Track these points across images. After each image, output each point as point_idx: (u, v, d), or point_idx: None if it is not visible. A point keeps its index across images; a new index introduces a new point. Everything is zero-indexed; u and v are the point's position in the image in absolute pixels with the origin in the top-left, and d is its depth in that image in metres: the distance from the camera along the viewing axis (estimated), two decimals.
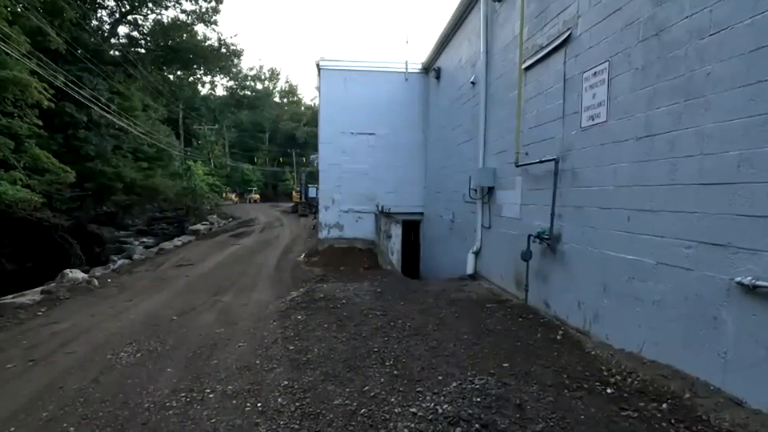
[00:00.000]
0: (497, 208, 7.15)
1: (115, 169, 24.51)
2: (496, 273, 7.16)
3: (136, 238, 28.47)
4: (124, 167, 25.30)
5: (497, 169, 7.20)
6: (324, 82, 12.98)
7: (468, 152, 8.77)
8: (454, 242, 9.72)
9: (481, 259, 7.91)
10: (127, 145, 26.57)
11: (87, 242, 23.36)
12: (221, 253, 14.86)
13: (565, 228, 4.96)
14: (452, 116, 10.06)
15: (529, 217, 5.95)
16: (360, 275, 8.79)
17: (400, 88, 13.06)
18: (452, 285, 7.35)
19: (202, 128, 48.77)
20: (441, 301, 6.22)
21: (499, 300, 6.14)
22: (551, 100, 5.34)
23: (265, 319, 5.70)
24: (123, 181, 25.10)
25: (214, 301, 7.10)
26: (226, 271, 10.81)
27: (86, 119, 22.25)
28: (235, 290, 8.25)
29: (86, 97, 20.78)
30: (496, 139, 7.25)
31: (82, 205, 22.99)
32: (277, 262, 12.43)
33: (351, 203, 13.23)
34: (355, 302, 6.16)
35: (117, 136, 25.69)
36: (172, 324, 5.67)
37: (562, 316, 4.97)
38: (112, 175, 24.20)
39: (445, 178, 10.70)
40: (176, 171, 33.24)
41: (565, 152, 4.96)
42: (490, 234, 7.48)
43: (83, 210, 23.20)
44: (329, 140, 13.01)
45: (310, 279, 9.30)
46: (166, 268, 11.67)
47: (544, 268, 5.44)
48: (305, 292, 6.99)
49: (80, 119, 21.80)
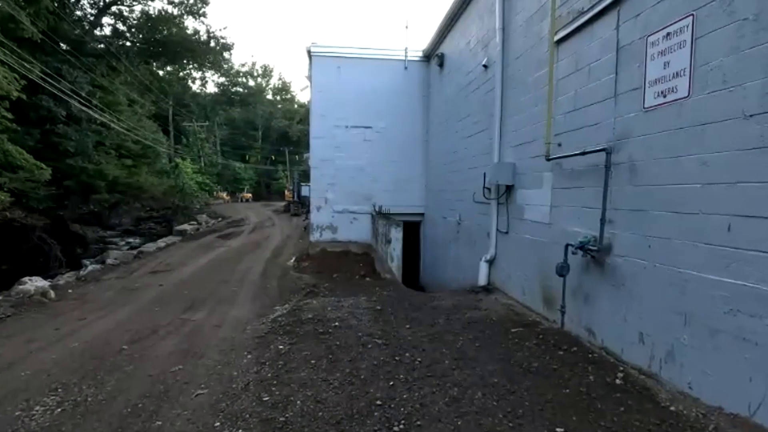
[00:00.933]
0: (518, 209, 6.08)
1: (96, 166, 23.24)
2: (516, 286, 6.09)
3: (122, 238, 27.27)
4: (106, 164, 24.02)
5: (517, 165, 6.13)
6: (316, 71, 11.85)
7: (479, 146, 7.70)
8: (462, 247, 8.65)
9: (496, 268, 6.84)
10: (110, 142, 25.27)
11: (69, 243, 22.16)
12: (205, 256, 13.70)
13: (620, 237, 3.89)
14: (459, 106, 8.97)
15: (562, 221, 4.88)
16: (356, 285, 7.70)
17: (399, 77, 11.96)
18: (464, 300, 6.26)
19: (192, 125, 47.33)
20: (454, 322, 5.14)
21: (525, 322, 5.06)
22: (596, 76, 4.27)
23: (238, 349, 4.58)
24: (105, 178, 23.85)
25: (183, 321, 5.97)
26: (206, 279, 9.67)
27: (65, 114, 20.95)
28: (212, 304, 7.12)
29: (63, 91, 19.55)
30: (516, 129, 6.18)
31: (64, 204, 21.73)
32: (264, 268, 11.30)
33: (345, 203, 12.11)
34: (350, 325, 5.05)
35: (99, 131, 24.41)
36: (120, 356, 4.54)
37: (614, 350, 3.90)
38: (93, 172, 22.95)
39: (450, 176, 9.63)
40: (163, 169, 31.90)
41: (620, 140, 3.89)
42: (507, 240, 6.41)
43: (69, 209, 21.98)
44: (321, 134, 11.88)
45: (298, 290, 8.18)
46: (141, 274, 10.50)
47: (587, 285, 4.37)
48: (291, 310, 5.87)
49: (58, 113, 20.50)
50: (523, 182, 5.95)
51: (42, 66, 18.91)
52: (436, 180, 10.98)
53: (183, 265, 11.74)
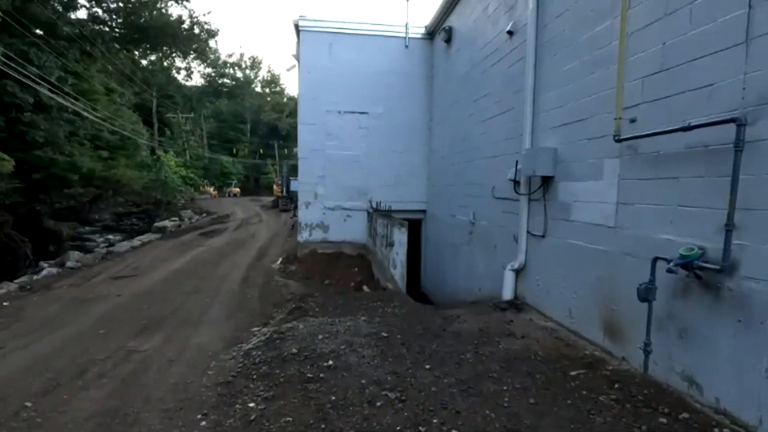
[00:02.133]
0: (560, 207, 4.78)
1: (69, 158, 21.57)
2: (557, 305, 4.80)
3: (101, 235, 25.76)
4: (80, 156, 22.34)
5: (560, 150, 4.82)
6: (305, 48, 10.42)
7: (501, 130, 6.39)
8: (476, 252, 7.35)
9: (526, 280, 5.55)
10: (85, 132, 23.58)
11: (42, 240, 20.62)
12: (182, 257, 12.26)
13: (754, 251, 2.60)
14: (473, 85, 7.65)
15: (640, 224, 3.58)
16: (352, 298, 6.35)
17: (398, 56, 10.59)
18: (490, 321, 4.96)
19: (177, 117, 45.34)
20: (488, 358, 3.84)
21: (584, 360, 3.77)
22: (705, 17, 2.96)
23: (190, 408, 3.23)
24: (79, 171, 22.17)
25: (128, 353, 4.58)
26: (175, 288, 8.26)
27: (33, 101, 19.26)
28: (174, 324, 5.75)
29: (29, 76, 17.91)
30: (559, 105, 4.86)
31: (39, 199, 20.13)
32: (246, 272, 9.91)
33: (338, 198, 10.74)
34: (349, 364, 3.72)
35: (72, 121, 22.71)
36: (14, 423, 3.15)
37: (746, 418, 2.62)
38: (65, 164, 21.28)
39: (460, 167, 8.31)
40: (144, 162, 30.12)
41: (759, 107, 2.59)
42: (544, 246, 5.11)
43: (46, 204, 20.39)
44: (311, 120, 10.47)
45: (283, 302, 6.83)
46: (100, 281, 9.05)
47: (687, 316, 3.08)
48: (271, 338, 4.51)
49: (25, 100, 18.81)
50: (569, 172, 4.65)
51: (4, 49, 17.23)
52: (442, 172, 9.66)
53: (153, 269, 10.30)
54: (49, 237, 21.70)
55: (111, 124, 25.61)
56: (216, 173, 54.50)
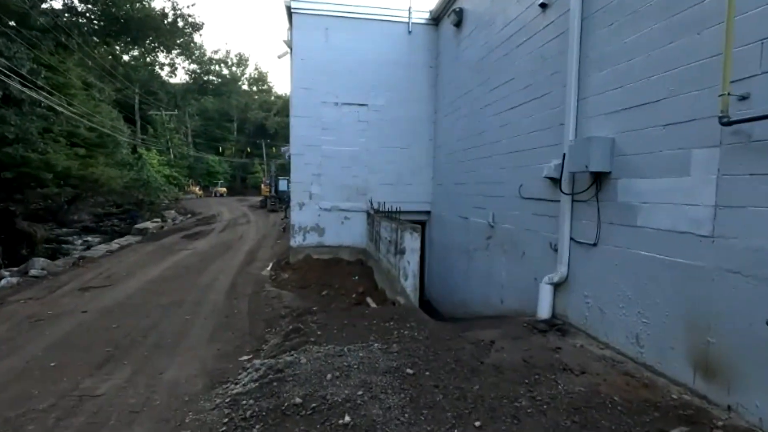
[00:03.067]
0: (622, 210, 3.91)
1: (42, 155, 20.25)
2: (618, 329, 3.93)
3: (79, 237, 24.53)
4: (54, 154, 21.03)
5: (619, 141, 3.95)
6: (298, 33, 9.44)
7: (530, 120, 5.53)
8: (496, 258, 6.48)
9: (569, 295, 4.67)
10: (60, 128, 22.24)
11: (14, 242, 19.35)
12: (162, 262, 11.22)
13: None
14: (492, 71, 6.77)
15: (751, 233, 2.72)
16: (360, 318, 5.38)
17: (401, 43, 9.68)
18: (531, 348, 4.07)
19: (160, 114, 43.74)
20: (547, 405, 2.95)
21: (677, 409, 2.90)
22: None
23: None
24: (53, 170, 20.87)
25: (78, 399, 3.58)
26: (151, 300, 7.25)
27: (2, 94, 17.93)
28: (144, 350, 4.76)
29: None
30: (616, 85, 4.00)
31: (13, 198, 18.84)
32: (233, 281, 8.93)
33: (335, 198, 9.78)
34: (372, 422, 2.78)
35: (45, 116, 21.38)
36: None
37: None
38: (38, 162, 19.96)
39: (474, 164, 7.44)
40: (124, 160, 28.70)
41: None
42: (596, 256, 4.24)
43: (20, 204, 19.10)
44: (305, 112, 9.50)
45: (277, 319, 5.89)
46: (66, 292, 7.98)
47: None
48: (266, 378, 3.55)
49: None
50: (633, 167, 3.78)
51: None
52: (450, 170, 8.77)
53: (129, 277, 9.24)
54: (22, 239, 20.40)
55: (89, 121, 24.27)
56: (202, 172, 52.95)
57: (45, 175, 20.52)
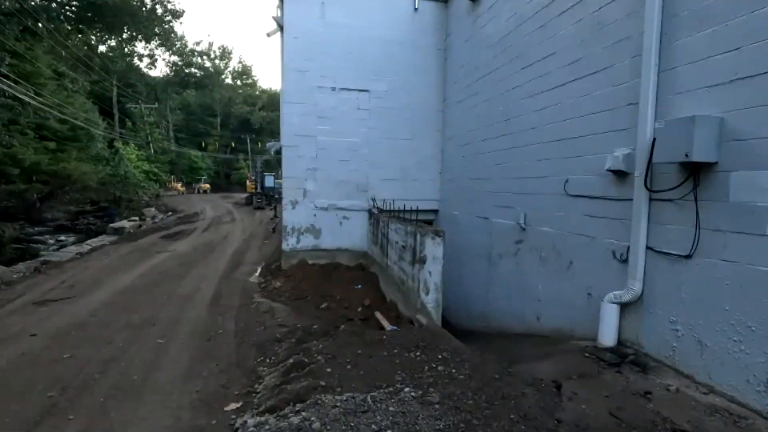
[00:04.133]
0: (735, 212, 2.93)
1: (7, 149, 18.75)
2: (729, 368, 2.96)
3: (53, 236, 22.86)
4: (21, 147, 19.50)
5: (730, 121, 2.98)
6: (290, 8, 8.30)
7: (581, 101, 4.54)
8: (529, 266, 5.50)
9: (645, 319, 3.70)
10: (27, 120, 20.66)
11: None
12: (137, 267, 9.99)
13: None
14: (520, 48, 5.77)
15: None
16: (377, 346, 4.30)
17: (406, 21, 8.62)
18: (613, 393, 3.09)
19: (139, 107, 41.82)
20: None
21: None
22: None
23: None
24: (20, 164, 19.36)
25: None
26: (119, 317, 6.09)
27: None
28: (99, 396, 3.65)
29: None
30: (724, 49, 3.02)
31: None
32: (217, 290, 7.80)
33: (332, 196, 8.70)
34: None
35: (11, 106, 19.82)
36: None
37: None
38: (3, 156, 18.49)
39: (497, 156, 6.44)
40: (100, 154, 27.03)
41: None
42: (691, 271, 3.27)
43: None
44: (298, 98, 8.37)
45: (272, 344, 4.81)
46: (16, 307, 6.75)
47: None
48: None
49: None
50: (755, 156, 2.82)
51: None
52: (465, 164, 7.77)
53: (96, 287, 8.03)
54: None
55: (60, 112, 22.66)
56: (184, 168, 51.06)
57: (11, 170, 19.07)
